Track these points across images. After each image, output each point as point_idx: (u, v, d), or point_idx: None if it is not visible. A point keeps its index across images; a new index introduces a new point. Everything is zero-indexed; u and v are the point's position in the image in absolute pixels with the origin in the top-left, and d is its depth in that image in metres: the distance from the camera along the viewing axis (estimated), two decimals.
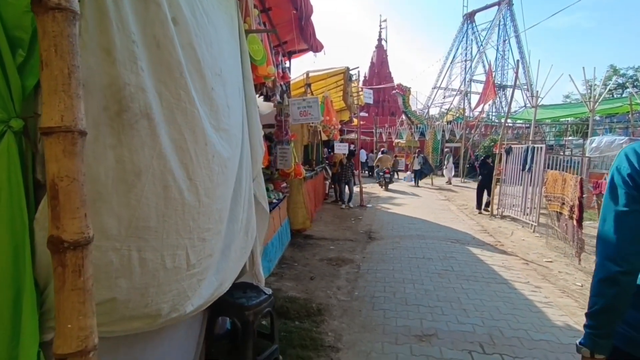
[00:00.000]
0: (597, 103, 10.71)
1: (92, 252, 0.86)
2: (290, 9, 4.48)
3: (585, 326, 1.24)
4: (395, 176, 19.38)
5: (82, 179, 0.82)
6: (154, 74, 1.46)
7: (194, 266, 1.85)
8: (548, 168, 7.14)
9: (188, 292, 1.88)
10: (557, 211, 6.28)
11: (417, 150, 19.07)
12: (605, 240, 1.19)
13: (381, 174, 14.82)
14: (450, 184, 17.23)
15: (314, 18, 4.65)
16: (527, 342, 3.18)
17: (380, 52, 41.62)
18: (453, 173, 17.91)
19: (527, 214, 7.96)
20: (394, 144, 26.57)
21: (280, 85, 4.60)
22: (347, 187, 10.70)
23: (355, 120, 13.68)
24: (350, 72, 7.43)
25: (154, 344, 2.05)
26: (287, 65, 5.50)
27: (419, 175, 16.87)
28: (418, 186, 16.20)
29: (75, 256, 0.81)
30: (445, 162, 17.96)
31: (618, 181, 1.21)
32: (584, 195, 5.49)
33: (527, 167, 7.84)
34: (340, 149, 11.32)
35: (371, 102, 10.11)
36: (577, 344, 1.26)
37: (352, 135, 21.62)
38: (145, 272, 1.46)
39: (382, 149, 19.48)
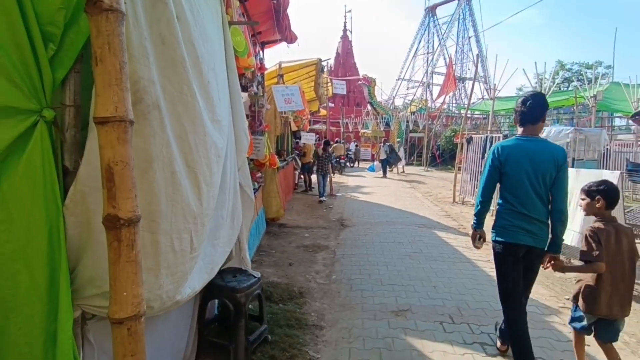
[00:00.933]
0: (547, 96, 11.56)
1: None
2: (265, 0, 4.52)
3: (473, 220, 2.82)
4: (356, 164, 19.94)
5: (132, 164, 0.92)
6: (159, 69, 1.53)
7: (195, 250, 1.95)
8: None
9: (188, 275, 1.97)
10: None
11: (383, 140, 18.45)
12: (480, 186, 2.71)
13: (336, 159, 15.98)
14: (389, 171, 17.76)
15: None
16: (490, 312, 3.54)
17: (346, 43, 41.92)
18: (404, 162, 18.51)
19: None
20: (360, 134, 27.08)
21: (257, 75, 4.65)
22: (323, 179, 9.83)
23: (322, 110, 13.86)
24: (322, 63, 7.56)
25: (146, 328, 2.13)
26: (262, 56, 5.53)
27: (385, 164, 16.15)
28: (386, 177, 15.68)
29: (129, 232, 0.91)
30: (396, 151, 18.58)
31: (488, 161, 2.65)
32: None
33: (486, 156, 8.38)
34: (308, 139, 11.48)
35: (344, 92, 10.33)
36: (471, 227, 2.87)
37: (318, 126, 21.83)
38: (158, 254, 1.55)
39: (336, 139, 20.07)
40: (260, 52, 5.61)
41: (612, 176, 4.32)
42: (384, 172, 16.01)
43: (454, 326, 3.27)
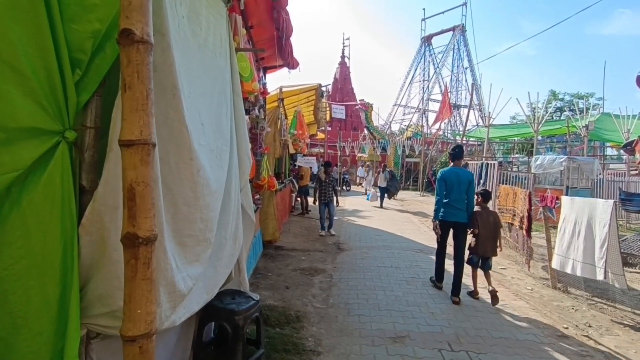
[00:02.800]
0: (540, 125, 11.86)
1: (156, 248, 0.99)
2: (269, 28, 4.70)
3: (434, 214, 4.76)
4: (344, 189, 19.99)
5: (153, 185, 0.96)
6: None
7: (183, 269, 1.94)
8: (500, 183, 7.81)
9: (185, 296, 1.96)
10: (509, 222, 6.87)
11: (382, 165, 16.17)
12: (438, 195, 4.74)
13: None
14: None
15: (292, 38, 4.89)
16: (489, 339, 3.51)
17: (343, 69, 42.86)
18: (372, 183, 18.77)
19: None
20: (356, 158, 27.32)
21: (260, 99, 4.77)
22: (327, 209, 8.34)
23: (320, 134, 14.07)
24: (322, 88, 7.76)
25: None
26: (265, 80, 5.68)
27: (384, 193, 14.09)
28: (383, 207, 13.65)
29: (146, 250, 0.94)
30: (365, 175, 18.81)
31: (439, 180, 4.75)
32: (532, 208, 6.09)
33: (482, 182, 8.50)
34: (306, 163, 11.61)
35: (343, 117, 10.49)
36: (432, 220, 4.87)
37: (316, 149, 22.06)
38: (159, 270, 1.55)
39: (323, 162, 19.82)
40: (263, 76, 5.76)
41: (606, 205, 4.40)
42: (382, 202, 13.94)
43: (452, 354, 3.24)
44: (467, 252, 4.70)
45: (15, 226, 1.06)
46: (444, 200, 4.64)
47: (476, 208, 4.70)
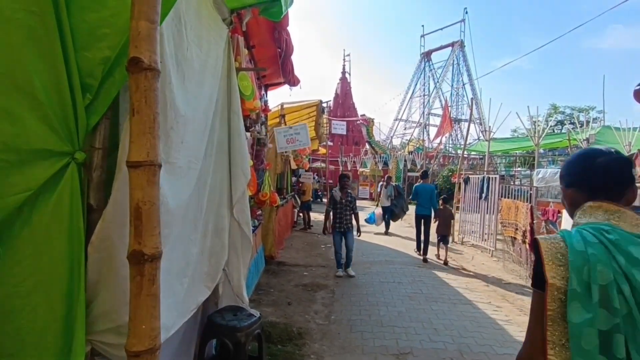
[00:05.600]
0: (541, 138, 11.91)
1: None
2: (271, 47, 4.82)
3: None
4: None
5: (158, 203, 1.00)
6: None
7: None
8: (502, 197, 7.81)
9: (166, 311, 1.93)
10: (511, 236, 6.86)
11: (386, 178, 12.49)
12: (412, 198, 8.54)
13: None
14: None
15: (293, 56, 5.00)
16: (493, 356, 3.47)
17: (344, 84, 43.35)
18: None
19: (485, 240, 8.55)
20: (358, 173, 27.39)
21: (261, 116, 4.85)
22: (344, 239, 6.24)
23: (322, 149, 14.17)
24: (322, 105, 7.88)
25: None
26: (266, 97, 5.79)
27: (389, 214, 11.08)
28: (388, 233, 11.05)
29: (151, 267, 0.97)
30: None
31: (414, 191, 8.32)
32: (534, 222, 6.08)
33: (484, 195, 8.50)
34: (307, 179, 11.68)
35: (344, 132, 10.56)
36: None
37: (318, 164, 22.17)
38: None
39: (314, 175, 19.56)
40: (265, 94, 5.87)
41: None
42: (387, 226, 11.25)
43: None
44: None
45: (25, 245, 1.10)
46: (418, 203, 7.97)
47: (440, 207, 7.76)
